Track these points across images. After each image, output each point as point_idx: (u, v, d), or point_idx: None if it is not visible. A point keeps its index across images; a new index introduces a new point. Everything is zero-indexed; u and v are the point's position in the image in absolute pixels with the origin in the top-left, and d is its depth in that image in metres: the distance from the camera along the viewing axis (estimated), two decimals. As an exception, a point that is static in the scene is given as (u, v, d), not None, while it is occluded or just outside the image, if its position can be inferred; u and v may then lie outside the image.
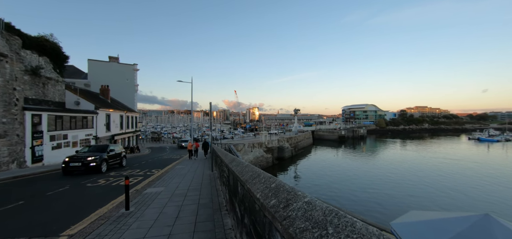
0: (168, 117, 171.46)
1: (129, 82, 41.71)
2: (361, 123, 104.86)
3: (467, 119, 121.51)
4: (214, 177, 10.90)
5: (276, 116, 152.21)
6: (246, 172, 3.62)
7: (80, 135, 23.25)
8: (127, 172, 14.30)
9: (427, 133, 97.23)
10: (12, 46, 16.13)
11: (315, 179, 26.74)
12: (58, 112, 20.93)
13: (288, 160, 43.25)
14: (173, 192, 8.20)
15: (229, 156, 6.69)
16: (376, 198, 18.84)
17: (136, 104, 42.65)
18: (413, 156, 42.54)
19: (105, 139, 27.74)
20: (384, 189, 21.35)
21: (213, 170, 12.35)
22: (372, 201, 18.12)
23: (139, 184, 10.20)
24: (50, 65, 23.38)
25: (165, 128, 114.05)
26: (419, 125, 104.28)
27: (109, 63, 40.99)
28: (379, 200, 18.32)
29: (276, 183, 2.40)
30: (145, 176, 12.46)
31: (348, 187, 22.65)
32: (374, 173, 28.69)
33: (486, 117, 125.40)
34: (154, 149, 41.03)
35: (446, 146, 57.54)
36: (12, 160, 15.80)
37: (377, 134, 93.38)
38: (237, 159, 5.44)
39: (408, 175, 26.95)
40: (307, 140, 65.90)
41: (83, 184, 10.67)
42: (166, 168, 15.44)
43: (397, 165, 33.94)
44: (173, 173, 12.82)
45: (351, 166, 34.39)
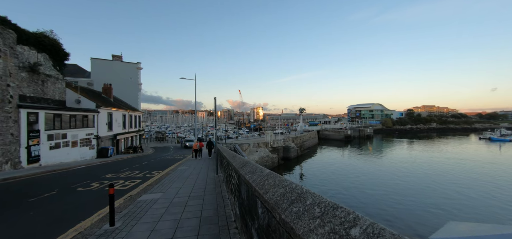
0: (173, 117, 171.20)
1: (132, 81, 40.82)
2: (367, 122, 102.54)
3: (476, 118, 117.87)
4: (219, 181, 9.64)
5: (280, 116, 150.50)
6: (271, 185, 2.34)
7: (80, 134, 22.27)
8: (125, 173, 13.14)
9: (435, 132, 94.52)
10: (5, 40, 15.14)
11: (324, 180, 25.34)
12: (57, 110, 19.95)
13: (294, 160, 42.01)
14: (172, 200, 6.95)
15: (238, 158, 5.41)
16: (389, 202, 17.36)
17: (140, 103, 41.75)
18: (422, 156, 40.69)
19: (106, 138, 26.77)
20: (396, 192, 19.84)
21: (218, 173, 11.09)
22: (387, 205, 16.66)
23: (135, 189, 9.00)
24: (50, 62, 22.45)
25: (170, 127, 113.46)
26: (427, 124, 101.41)
27: (112, 61, 40.15)
28: (392, 204, 16.85)
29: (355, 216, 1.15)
30: (144, 179, 11.27)
31: (360, 189, 21.19)
32: (383, 174, 27.14)
33: (496, 117, 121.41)
34: (157, 149, 40.07)
35: (456, 146, 55.39)
36: (6, 161, 14.81)
37: (383, 134, 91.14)
38: (249, 163, 4.16)
39: (420, 176, 25.35)
40: (313, 139, 64.42)
41: (74, 188, 9.52)
42: (168, 170, 14.24)
43: (407, 165, 32.23)
44: (175, 176, 11.60)
45: (360, 167, 32.82)
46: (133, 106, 38.63)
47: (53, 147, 18.89)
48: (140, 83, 41.86)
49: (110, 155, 25.37)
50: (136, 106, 39.74)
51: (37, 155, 17.24)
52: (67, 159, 20.39)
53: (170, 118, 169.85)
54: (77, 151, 21.82)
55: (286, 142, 46.26)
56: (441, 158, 37.99)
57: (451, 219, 12.90)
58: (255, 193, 2.68)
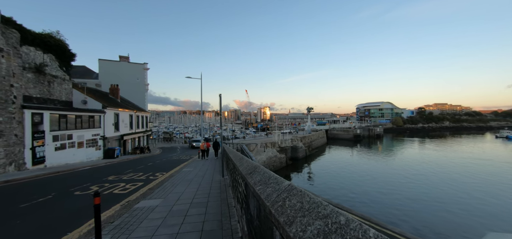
0: (180, 118, 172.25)
1: (139, 82, 40.69)
2: (377, 121, 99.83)
3: (491, 116, 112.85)
4: (225, 185, 8.84)
5: (287, 116, 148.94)
6: (296, 209, 1.49)
7: (86, 134, 21.99)
8: (128, 175, 12.54)
9: (448, 131, 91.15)
10: (8, 40, 14.84)
11: (333, 181, 24.22)
12: (62, 111, 19.67)
13: (302, 160, 40.92)
14: (172, 207, 6.19)
15: (245, 161, 4.59)
16: (406, 206, 16.17)
17: (147, 104, 41.59)
18: (437, 156, 38.76)
19: (113, 139, 26.50)
20: (411, 195, 18.56)
21: (223, 175, 10.30)
22: (405, 210, 15.48)
23: (134, 194, 8.31)
24: (56, 63, 22.27)
25: (178, 128, 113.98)
26: (439, 123, 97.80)
27: (119, 62, 40.13)
28: (409, 209, 15.66)
29: None
30: (146, 181, 10.61)
31: (373, 192, 20.00)
32: (397, 175, 25.72)
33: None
34: (165, 149, 39.77)
35: (471, 145, 52.85)
36: (10, 162, 14.50)
37: (394, 133, 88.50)
38: (259, 168, 3.33)
39: (434, 178, 23.86)
40: (321, 139, 63.08)
41: (71, 192, 8.93)
42: (172, 171, 13.58)
43: (422, 166, 30.60)
44: (178, 178, 10.89)
45: (371, 167, 31.44)
46: (140, 106, 38.46)
47: (58, 148, 18.59)
48: (147, 83, 41.68)
49: (117, 155, 25.05)
50: (143, 107, 39.56)
51: (42, 156, 16.94)
52: (73, 160, 20.11)
53: (178, 118, 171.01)
54: (83, 151, 21.54)
55: (294, 142, 45.28)
56: (457, 158, 36.08)
57: (483, 227, 11.68)
58: (269, 216, 1.85)
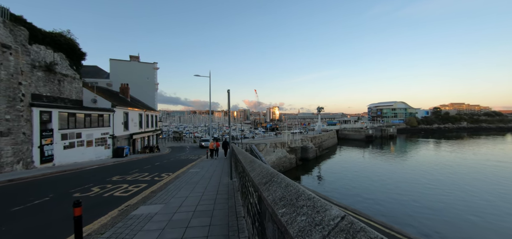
0: (190, 118, 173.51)
1: (149, 81, 40.67)
2: (389, 121, 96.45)
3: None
4: (233, 189, 8.00)
5: (297, 116, 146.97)
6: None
7: (95, 133, 21.79)
8: (133, 175, 11.96)
9: (465, 132, 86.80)
10: (17, 38, 14.65)
11: (345, 183, 23.00)
12: (71, 109, 19.48)
13: (312, 160, 39.77)
14: (172, 215, 5.41)
15: (258, 165, 3.74)
16: (426, 213, 14.81)
17: (157, 103, 41.53)
18: (454, 158, 36.39)
19: (122, 138, 26.30)
20: (429, 200, 17.10)
21: (232, 178, 9.47)
22: (425, 217, 14.15)
23: (135, 197, 7.61)
24: (66, 62, 22.19)
25: (187, 127, 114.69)
26: (456, 123, 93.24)
27: (130, 62, 40.25)
28: (430, 215, 14.30)
29: None
30: (150, 183, 9.94)
31: (389, 196, 18.67)
32: (414, 179, 24.15)
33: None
34: (174, 149, 39.54)
35: (492, 147, 49.73)
36: (18, 160, 14.30)
37: (407, 133, 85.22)
38: (277, 177, 2.44)
39: (452, 182, 22.17)
40: (332, 139, 61.46)
41: (71, 194, 8.35)
42: (178, 172, 12.91)
43: (439, 168, 28.71)
44: (184, 180, 10.16)
45: (385, 169, 29.87)
46: (150, 106, 38.38)
47: (67, 147, 18.39)
48: (157, 83, 41.63)
49: (126, 154, 24.81)
50: (152, 106, 39.48)
51: (51, 155, 16.73)
52: (82, 158, 19.90)
53: (188, 118, 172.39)
54: (92, 150, 21.34)
55: (304, 142, 44.11)
56: (476, 161, 33.70)
57: None
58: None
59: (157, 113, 38.78)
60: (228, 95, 8.80)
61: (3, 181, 10.87)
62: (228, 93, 8.81)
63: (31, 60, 17.04)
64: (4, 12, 14.29)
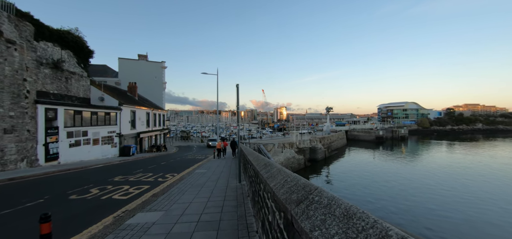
0: (198, 117, 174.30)
1: (157, 80, 40.45)
2: (400, 122, 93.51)
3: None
4: (242, 194, 7.16)
5: (304, 116, 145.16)
6: None
7: (102, 131, 21.45)
8: (136, 176, 11.31)
9: (481, 134, 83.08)
10: (22, 33, 14.31)
11: (356, 185, 21.80)
12: (77, 107, 19.15)
13: (321, 161, 38.58)
14: (173, 226, 4.61)
15: (278, 170, 2.88)
16: (441, 218, 13.53)
17: (164, 102, 41.28)
18: (471, 162, 34.11)
19: (129, 136, 25.95)
20: (445, 205, 15.74)
21: (241, 181, 8.62)
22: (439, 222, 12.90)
23: (134, 201, 6.87)
24: (74, 60, 21.95)
25: (195, 127, 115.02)
26: (471, 125, 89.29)
27: (138, 61, 40.14)
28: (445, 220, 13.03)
29: None
30: (153, 184, 9.23)
31: (403, 200, 17.41)
32: (428, 182, 22.70)
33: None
34: (181, 148, 39.15)
35: (509, 150, 46.89)
36: (22, 158, 13.94)
37: (419, 135, 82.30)
38: (320, 193, 1.57)
39: (472, 187, 20.56)
40: (341, 140, 59.87)
41: (67, 195, 7.71)
42: (183, 173, 12.18)
43: (455, 172, 26.96)
44: (189, 182, 9.41)
45: (398, 171, 28.35)
46: (158, 105, 38.11)
47: (73, 145, 18.04)
48: (165, 82, 41.37)
49: (132, 153, 24.43)
50: (160, 105, 39.21)
51: (56, 153, 16.37)
52: (88, 157, 19.55)
53: (195, 118, 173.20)
54: (99, 149, 20.99)
55: (312, 143, 42.94)
56: (497, 165, 31.60)
57: None
58: None
59: (164, 112, 38.48)
60: (237, 91, 7.97)
61: (4, 180, 10.41)
62: (237, 89, 7.99)
63: (38, 57, 16.75)
64: (10, 7, 13.97)
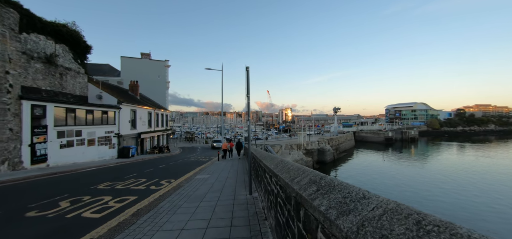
0: (203, 119, 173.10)
1: (160, 79, 38.85)
2: (409, 123, 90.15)
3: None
4: (255, 213, 5.15)
5: (310, 117, 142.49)
6: None
7: (98, 131, 19.74)
8: (127, 182, 9.43)
9: (493, 135, 79.37)
10: (3, 20, 12.66)
11: (371, 190, 19.50)
12: (70, 104, 17.47)
13: (329, 163, 36.42)
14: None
15: (339, 185, 0.82)
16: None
17: (168, 102, 39.62)
18: (490, 165, 31.30)
19: (129, 137, 24.24)
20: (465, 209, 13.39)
21: (251, 192, 6.59)
22: None
23: (107, 223, 4.92)
24: (70, 55, 20.36)
25: (200, 128, 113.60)
26: (483, 125, 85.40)
27: (140, 60, 38.62)
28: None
29: None
30: (143, 195, 7.32)
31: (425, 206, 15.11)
32: (446, 186, 20.33)
33: None
34: (185, 149, 37.40)
35: None
36: (2, 160, 12.24)
37: (430, 136, 78.98)
38: None
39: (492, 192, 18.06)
40: (349, 141, 57.41)
41: (23, 212, 5.83)
42: (183, 178, 10.26)
43: (472, 176, 24.29)
44: (186, 192, 7.47)
45: (411, 175, 26.05)
46: (161, 104, 36.47)
47: (64, 146, 16.32)
48: (168, 81, 39.73)
49: (132, 155, 22.70)
50: (163, 105, 37.55)
51: (44, 154, 14.65)
52: (83, 158, 17.83)
53: (200, 119, 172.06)
54: (95, 150, 19.28)
55: (320, 144, 40.75)
56: None
57: None
58: None
59: (168, 113, 36.80)
60: (247, 75, 6.02)
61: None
62: (247, 72, 6.03)
63: (27, 50, 15.13)
64: (-10, -9, 12.36)
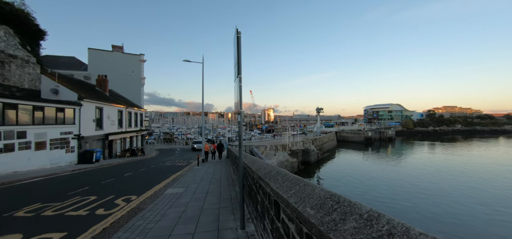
0: (183, 119, 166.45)
1: (134, 75, 35.01)
2: (386, 123, 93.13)
3: (504, 120, 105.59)
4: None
5: (292, 118, 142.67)
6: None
7: (51, 132, 16.21)
8: (66, 203, 6.72)
9: (460, 134, 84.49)
10: None
11: (357, 191, 18.44)
12: (6, 98, 13.90)
13: (314, 164, 35.40)
14: None
15: None
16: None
17: (143, 100, 35.83)
18: (466, 163, 32.30)
19: (93, 138, 20.72)
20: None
21: (244, 225, 4.33)
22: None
23: None
24: (15, 39, 16.62)
25: (180, 128, 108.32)
26: (451, 126, 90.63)
27: (112, 53, 34.46)
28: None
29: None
30: (78, 229, 4.78)
31: (409, 205, 13.96)
32: (427, 183, 20.32)
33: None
34: (162, 151, 33.97)
35: (494, 150, 46.29)
36: None
37: (404, 136, 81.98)
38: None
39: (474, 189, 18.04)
40: (332, 141, 57.28)
41: None
42: (147, 194, 7.72)
43: (449, 174, 24.68)
44: (144, 223, 5.03)
45: (392, 173, 26.01)
46: (135, 102, 32.76)
47: (0, 150, 12.82)
48: (144, 77, 35.96)
49: (96, 159, 19.32)
50: (138, 103, 33.83)
51: (-33, 163, 11.19)
52: (28, 166, 14.30)
53: (181, 119, 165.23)
54: (46, 155, 15.75)
55: (305, 144, 39.49)
56: (487, 165, 29.83)
57: None
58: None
59: (143, 111, 33.14)
60: (238, 43, 3.77)
61: None
62: (238, 40, 3.78)
63: None
64: None
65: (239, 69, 3.83)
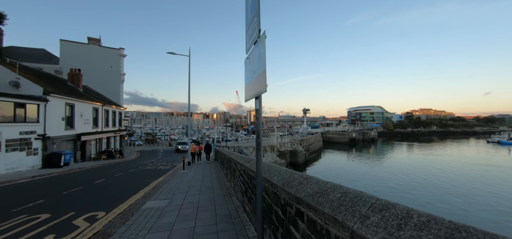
0: (167, 119, 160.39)
1: (113, 71, 32.10)
2: (368, 124, 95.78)
3: (474, 122, 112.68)
4: None
5: (278, 119, 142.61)
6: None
7: (6, 131, 13.66)
8: (9, 223, 4.92)
9: (436, 135, 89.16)
10: None
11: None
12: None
13: (302, 165, 34.95)
14: None
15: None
16: None
17: (123, 98, 32.97)
18: (437, 161, 34.52)
19: (62, 139, 18.13)
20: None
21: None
22: None
23: None
24: (-37, 21, 13.89)
25: (163, 129, 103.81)
26: (428, 127, 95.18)
27: (87, 45, 31.30)
28: None
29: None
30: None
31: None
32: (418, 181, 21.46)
33: (493, 120, 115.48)
34: (144, 153, 31.40)
35: (465, 150, 49.16)
36: None
37: (386, 137, 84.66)
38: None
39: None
40: (318, 142, 57.35)
41: None
42: (119, 210, 6.04)
43: (433, 171, 26.33)
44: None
45: (375, 173, 26.60)
46: (113, 100, 29.97)
47: None
48: (123, 73, 33.10)
49: (66, 162, 16.86)
50: (116, 101, 31.02)
51: None
52: (-25, 172, 11.80)
53: (164, 120, 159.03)
54: (1, 158, 13.23)
55: (293, 145, 38.82)
56: (459, 163, 31.90)
57: None
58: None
59: (122, 110, 30.39)
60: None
61: None
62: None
63: None
64: None
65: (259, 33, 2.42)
